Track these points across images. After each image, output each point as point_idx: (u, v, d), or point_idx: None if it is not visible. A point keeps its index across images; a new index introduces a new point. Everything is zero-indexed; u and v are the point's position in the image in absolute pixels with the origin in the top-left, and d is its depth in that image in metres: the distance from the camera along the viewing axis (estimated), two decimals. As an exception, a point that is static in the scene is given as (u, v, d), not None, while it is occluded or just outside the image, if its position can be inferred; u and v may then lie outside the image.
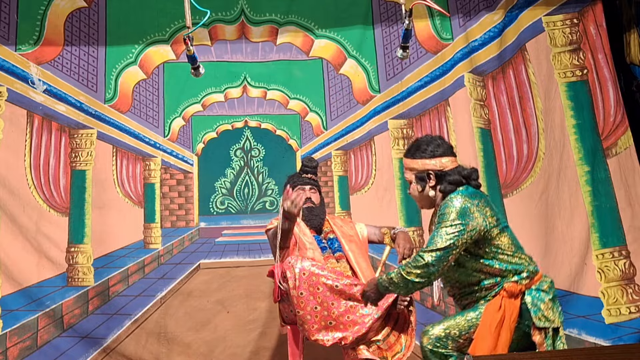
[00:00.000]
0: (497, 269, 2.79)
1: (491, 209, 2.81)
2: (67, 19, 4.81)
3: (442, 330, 2.79)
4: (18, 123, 4.58)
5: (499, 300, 2.76)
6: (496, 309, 2.73)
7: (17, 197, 4.47)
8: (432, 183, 2.89)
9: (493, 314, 2.73)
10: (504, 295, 2.76)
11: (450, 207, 2.75)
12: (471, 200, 2.77)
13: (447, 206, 2.76)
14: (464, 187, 2.85)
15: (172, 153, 4.92)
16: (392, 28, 4.97)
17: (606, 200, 4.27)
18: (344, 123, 4.99)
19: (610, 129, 4.39)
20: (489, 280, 2.81)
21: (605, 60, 4.45)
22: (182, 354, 4.48)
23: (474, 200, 2.78)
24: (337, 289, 3.22)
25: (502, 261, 2.80)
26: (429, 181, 2.90)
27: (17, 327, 4.29)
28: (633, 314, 4.14)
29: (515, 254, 2.83)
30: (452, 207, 2.74)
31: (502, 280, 2.79)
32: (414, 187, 2.94)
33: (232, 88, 5.02)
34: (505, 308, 2.73)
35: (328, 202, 4.78)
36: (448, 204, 2.77)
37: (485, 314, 2.75)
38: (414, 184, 2.93)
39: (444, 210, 2.76)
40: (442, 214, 2.76)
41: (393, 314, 3.34)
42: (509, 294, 2.75)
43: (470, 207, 2.74)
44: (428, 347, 2.77)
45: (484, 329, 2.72)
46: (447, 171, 2.88)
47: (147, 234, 4.76)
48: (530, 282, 2.81)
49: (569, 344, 4.14)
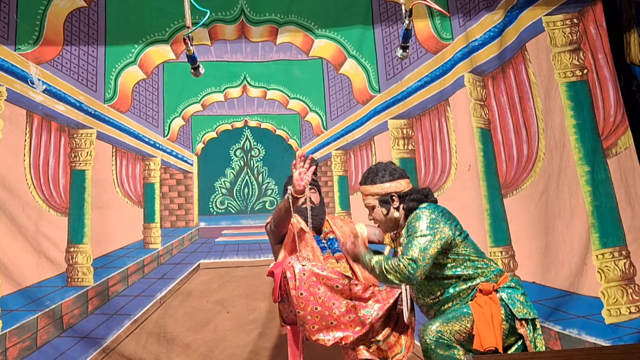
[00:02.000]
0: (466, 274, 2.93)
1: (454, 219, 2.99)
2: (67, 19, 4.80)
3: (442, 324, 2.83)
4: (17, 123, 4.58)
5: (479, 299, 2.87)
6: (481, 306, 2.84)
7: (17, 197, 4.47)
8: (396, 204, 3.05)
9: (481, 310, 2.83)
10: (480, 296, 2.88)
11: (418, 219, 2.92)
12: (436, 212, 2.95)
13: (416, 219, 2.92)
14: (425, 203, 3.01)
15: (172, 153, 4.92)
16: (392, 28, 4.96)
17: (606, 200, 4.27)
18: (344, 123, 4.99)
19: (610, 129, 4.39)
20: (461, 286, 2.93)
21: (605, 60, 4.46)
22: (181, 354, 4.47)
23: (439, 212, 2.96)
24: (337, 289, 3.22)
25: (469, 267, 2.94)
26: (393, 202, 3.05)
27: (16, 327, 4.29)
28: (633, 314, 4.14)
29: (480, 258, 2.99)
30: (421, 219, 2.91)
31: (473, 283, 2.92)
32: (378, 212, 3.07)
33: (232, 88, 5.01)
34: (488, 304, 2.85)
35: (328, 202, 4.78)
36: (416, 217, 2.94)
37: (474, 311, 2.84)
38: (378, 209, 3.07)
39: (412, 224, 2.92)
40: (411, 227, 2.92)
41: (393, 315, 3.34)
42: (485, 292, 2.89)
43: (436, 218, 2.92)
44: (432, 339, 2.79)
45: (481, 323, 2.80)
46: (407, 192, 3.06)
47: (146, 234, 4.76)
48: (500, 280, 2.94)
49: (569, 344, 4.16)
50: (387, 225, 3.10)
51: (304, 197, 3.47)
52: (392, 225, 3.09)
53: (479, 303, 2.86)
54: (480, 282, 2.91)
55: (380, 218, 3.08)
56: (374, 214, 3.09)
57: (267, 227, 3.73)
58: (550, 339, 4.24)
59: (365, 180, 3.12)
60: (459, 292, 2.93)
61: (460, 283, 2.93)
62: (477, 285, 2.91)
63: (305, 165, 3.44)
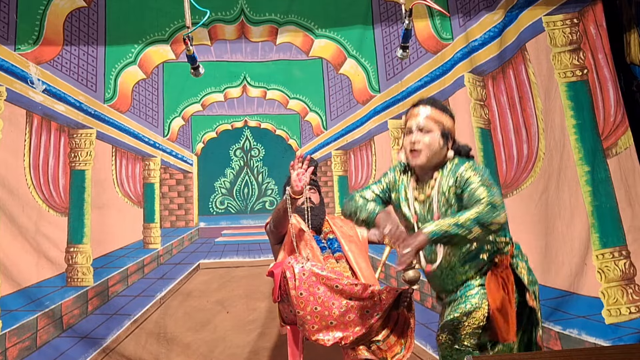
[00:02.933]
0: (501, 240, 2.78)
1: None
2: (67, 19, 4.80)
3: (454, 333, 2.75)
4: (17, 123, 4.57)
5: (496, 276, 2.74)
6: (497, 290, 2.72)
7: (17, 197, 4.47)
8: (450, 144, 2.81)
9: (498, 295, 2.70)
10: (497, 269, 2.75)
11: (479, 169, 2.71)
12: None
13: (476, 169, 2.71)
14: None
15: (172, 153, 4.92)
16: (392, 28, 4.96)
17: (606, 200, 4.28)
18: (343, 123, 4.99)
19: (610, 129, 4.40)
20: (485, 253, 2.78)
21: (605, 60, 4.46)
22: (181, 354, 4.47)
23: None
24: (337, 289, 3.22)
25: (506, 231, 2.80)
26: (449, 141, 2.81)
27: (16, 327, 4.29)
28: (633, 314, 4.14)
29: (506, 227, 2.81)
30: (481, 169, 2.71)
31: (496, 253, 2.78)
32: (436, 140, 2.77)
33: (232, 88, 5.01)
34: (505, 280, 2.73)
35: (328, 202, 4.78)
36: (477, 167, 2.72)
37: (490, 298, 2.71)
38: (437, 137, 2.78)
39: (473, 172, 2.69)
40: (474, 174, 2.68)
41: (393, 315, 3.33)
42: (503, 267, 2.75)
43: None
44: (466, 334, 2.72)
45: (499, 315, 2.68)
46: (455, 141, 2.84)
47: (146, 234, 4.76)
48: (510, 251, 2.82)
49: (569, 344, 4.16)
50: (431, 157, 2.78)
51: (302, 197, 3.47)
52: (435, 160, 2.79)
53: (494, 286, 2.71)
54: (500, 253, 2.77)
55: (433, 146, 2.76)
56: (428, 138, 2.76)
57: (267, 227, 3.73)
58: (550, 339, 4.24)
59: (432, 104, 2.85)
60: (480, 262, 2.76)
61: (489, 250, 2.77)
62: (494, 257, 2.76)
63: (304, 166, 3.43)
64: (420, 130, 2.79)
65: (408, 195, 2.88)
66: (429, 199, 2.81)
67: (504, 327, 2.68)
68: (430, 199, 2.80)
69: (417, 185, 2.87)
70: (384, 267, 3.71)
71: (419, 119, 2.80)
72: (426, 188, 2.83)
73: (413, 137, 2.79)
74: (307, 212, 3.72)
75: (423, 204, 2.83)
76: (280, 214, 3.51)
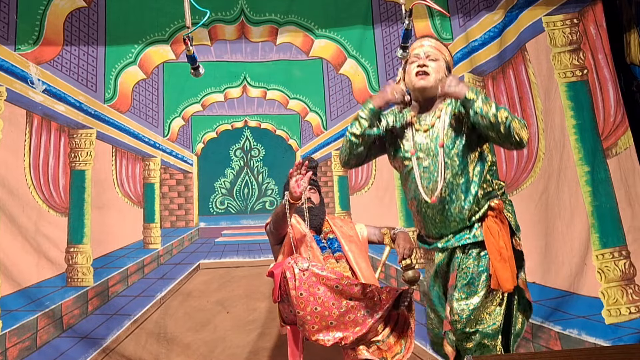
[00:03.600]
0: (497, 182, 2.86)
1: None
2: (67, 19, 4.80)
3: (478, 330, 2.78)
4: (17, 123, 4.58)
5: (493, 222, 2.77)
6: (493, 235, 2.75)
7: (17, 197, 4.47)
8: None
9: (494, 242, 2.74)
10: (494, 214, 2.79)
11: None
12: None
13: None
14: None
15: (172, 153, 4.92)
16: (392, 28, 4.96)
17: (606, 200, 4.28)
18: (344, 123, 4.99)
19: (610, 129, 4.39)
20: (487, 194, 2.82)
21: (605, 60, 4.46)
22: (181, 354, 4.47)
23: None
24: (337, 289, 3.22)
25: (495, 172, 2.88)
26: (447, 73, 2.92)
27: (16, 327, 4.29)
28: (633, 314, 4.14)
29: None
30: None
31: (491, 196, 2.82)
32: (441, 68, 2.90)
33: (232, 88, 5.01)
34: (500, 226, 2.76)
35: (328, 202, 4.78)
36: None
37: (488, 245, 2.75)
38: (442, 65, 2.91)
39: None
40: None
41: (393, 315, 3.33)
42: (498, 211, 2.79)
43: None
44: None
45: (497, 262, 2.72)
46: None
47: (146, 234, 4.76)
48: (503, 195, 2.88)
49: (569, 344, 4.16)
50: (437, 82, 2.86)
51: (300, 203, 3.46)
52: (434, 91, 2.88)
53: (491, 231, 2.75)
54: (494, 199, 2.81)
55: (440, 72, 2.88)
56: (435, 66, 2.88)
57: (267, 228, 3.73)
58: (550, 339, 4.24)
59: (435, 38, 3.05)
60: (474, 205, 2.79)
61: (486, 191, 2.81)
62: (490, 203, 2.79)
63: (302, 172, 3.42)
64: (427, 57, 2.90)
65: (406, 130, 2.95)
66: (434, 128, 2.87)
67: (503, 276, 2.71)
68: (435, 127, 2.86)
69: (417, 119, 2.94)
70: (384, 267, 3.71)
71: (425, 48, 2.92)
72: (429, 118, 2.90)
73: (421, 61, 2.88)
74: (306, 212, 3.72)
75: (426, 134, 2.88)
76: (280, 217, 3.52)
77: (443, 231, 2.87)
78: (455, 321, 2.78)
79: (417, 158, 2.87)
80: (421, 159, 2.86)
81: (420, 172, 2.85)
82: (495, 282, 2.71)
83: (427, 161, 2.85)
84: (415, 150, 2.88)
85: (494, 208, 2.79)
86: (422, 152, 2.87)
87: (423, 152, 2.87)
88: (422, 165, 2.86)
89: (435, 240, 2.92)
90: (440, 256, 2.91)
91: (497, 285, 2.71)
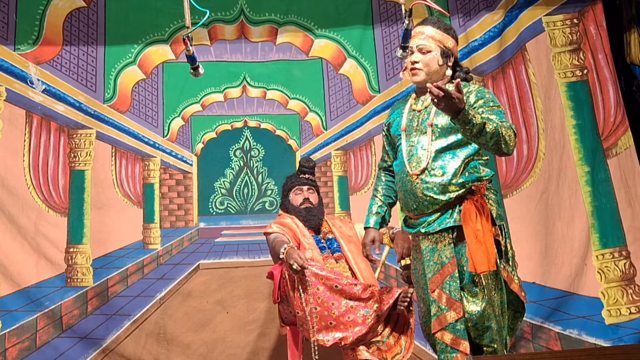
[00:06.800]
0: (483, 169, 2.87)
1: None
2: (66, 19, 4.80)
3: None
4: (17, 123, 4.57)
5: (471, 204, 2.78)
6: (472, 219, 2.75)
7: (16, 197, 4.46)
8: (451, 63, 2.98)
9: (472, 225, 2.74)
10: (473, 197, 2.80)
11: (489, 93, 2.89)
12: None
13: (486, 92, 2.89)
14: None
15: (172, 153, 4.92)
16: (392, 28, 4.96)
17: (606, 200, 4.27)
18: (343, 123, 4.98)
19: (610, 129, 4.39)
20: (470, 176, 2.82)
21: (605, 60, 4.46)
22: (181, 354, 4.47)
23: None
24: (337, 289, 3.22)
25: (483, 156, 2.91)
26: (449, 60, 2.97)
27: (16, 327, 4.29)
28: (633, 314, 4.14)
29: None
30: (491, 94, 2.89)
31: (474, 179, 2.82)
32: (435, 59, 2.93)
33: (232, 88, 5.01)
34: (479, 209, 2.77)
35: (327, 202, 4.78)
36: (484, 90, 2.91)
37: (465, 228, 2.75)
38: (436, 56, 2.93)
39: (487, 95, 2.86)
40: (490, 98, 2.84)
41: (393, 315, 3.33)
42: (479, 195, 2.81)
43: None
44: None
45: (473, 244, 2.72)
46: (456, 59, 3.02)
47: (146, 234, 4.76)
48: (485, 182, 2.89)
49: (569, 344, 4.15)
50: (429, 75, 2.91)
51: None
52: (435, 78, 2.91)
53: (469, 213, 2.76)
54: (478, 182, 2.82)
55: (432, 66, 2.91)
56: (427, 58, 2.91)
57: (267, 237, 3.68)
58: (550, 339, 4.23)
59: (431, 22, 3.01)
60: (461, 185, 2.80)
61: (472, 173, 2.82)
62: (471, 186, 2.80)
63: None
64: (419, 50, 2.93)
65: (404, 109, 3.04)
66: (427, 109, 2.94)
67: (477, 257, 2.70)
68: (428, 108, 2.93)
69: (416, 101, 3.02)
70: (383, 267, 3.70)
71: (418, 40, 2.95)
72: (427, 100, 2.95)
73: (413, 57, 2.93)
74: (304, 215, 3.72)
75: (420, 113, 2.96)
76: (275, 256, 3.48)
77: (422, 208, 2.86)
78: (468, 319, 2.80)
79: (407, 135, 2.95)
80: (409, 135, 2.94)
81: (407, 147, 2.94)
82: (471, 264, 2.72)
83: (415, 138, 2.92)
84: (406, 128, 2.97)
85: (474, 191, 2.82)
86: (412, 129, 2.95)
87: (413, 129, 2.95)
88: (409, 141, 2.93)
89: (415, 219, 2.91)
90: (425, 242, 2.90)
91: (473, 269, 2.72)
